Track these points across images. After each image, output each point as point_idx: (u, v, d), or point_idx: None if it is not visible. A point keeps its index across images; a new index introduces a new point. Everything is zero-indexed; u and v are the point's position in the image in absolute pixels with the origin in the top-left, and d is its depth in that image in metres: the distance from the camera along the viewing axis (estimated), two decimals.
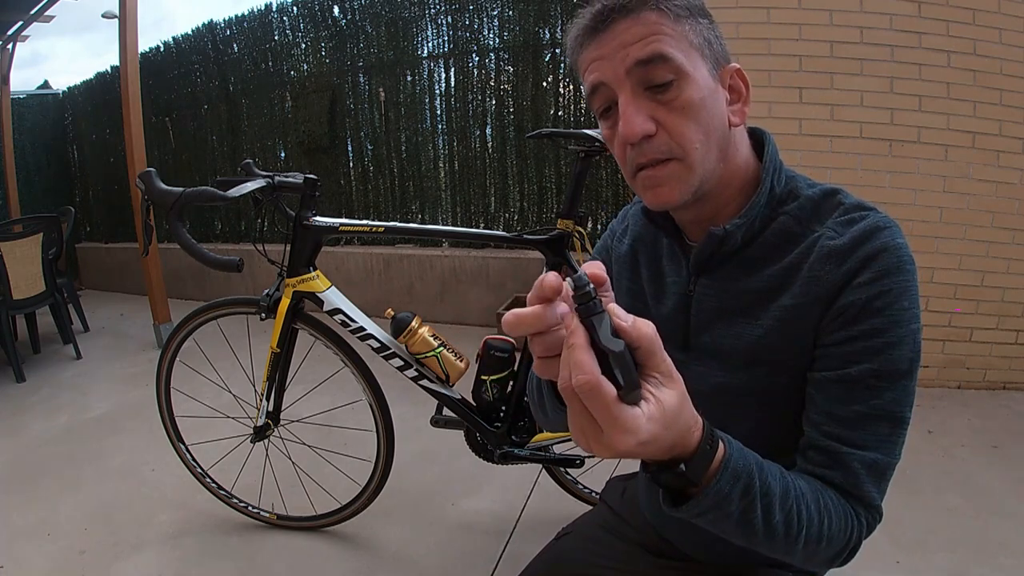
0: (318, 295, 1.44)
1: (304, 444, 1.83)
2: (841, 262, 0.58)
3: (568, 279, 0.41)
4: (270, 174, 1.38)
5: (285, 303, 1.45)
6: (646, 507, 0.85)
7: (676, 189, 0.60)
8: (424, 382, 1.46)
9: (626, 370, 0.40)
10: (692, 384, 0.67)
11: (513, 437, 1.51)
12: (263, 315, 1.47)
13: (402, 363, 1.45)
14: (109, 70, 5.18)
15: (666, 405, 0.43)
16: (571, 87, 3.48)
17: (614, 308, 0.42)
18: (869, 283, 0.56)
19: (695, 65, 0.58)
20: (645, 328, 0.42)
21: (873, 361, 0.57)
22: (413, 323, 1.43)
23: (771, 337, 0.62)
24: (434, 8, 3.64)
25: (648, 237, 0.76)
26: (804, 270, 0.60)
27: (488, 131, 3.72)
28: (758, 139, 0.67)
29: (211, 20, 4.47)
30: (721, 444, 0.50)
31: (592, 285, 0.40)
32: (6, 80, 4.89)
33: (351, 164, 4.16)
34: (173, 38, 4.73)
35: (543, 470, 1.81)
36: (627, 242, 0.79)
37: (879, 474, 0.58)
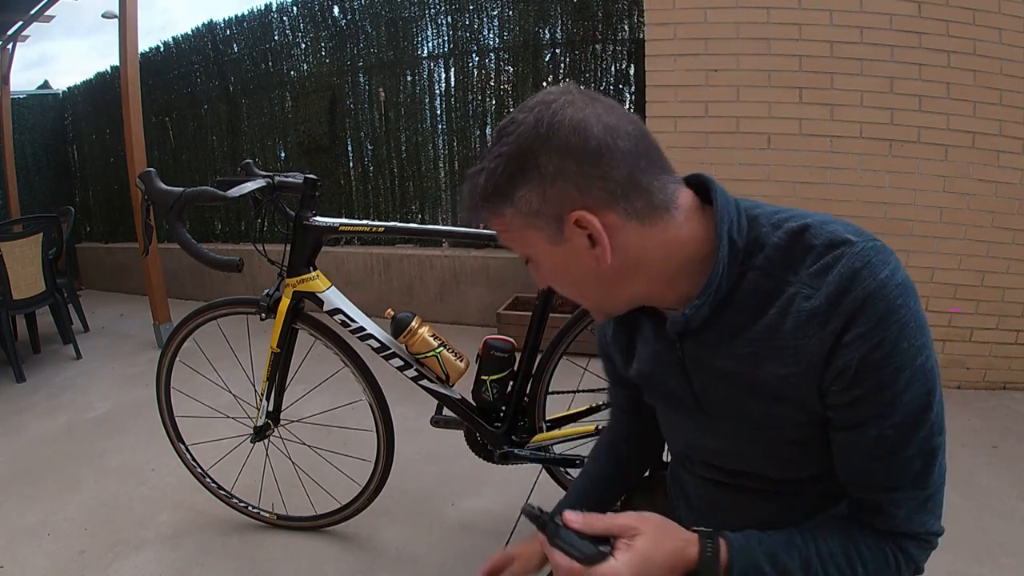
0: (318, 295, 1.44)
1: (304, 444, 1.83)
2: (824, 323, 0.53)
3: (522, 516, 0.55)
4: (270, 174, 1.38)
5: (285, 303, 1.45)
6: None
7: (602, 318, 0.69)
8: (424, 382, 1.46)
9: (583, 546, 0.55)
10: (721, 439, 0.69)
11: (513, 437, 1.51)
12: (263, 315, 1.47)
13: (402, 363, 1.45)
14: (109, 70, 5.17)
15: (638, 545, 0.55)
16: None
17: (567, 517, 0.57)
18: (861, 338, 0.52)
19: (532, 243, 0.60)
20: (590, 519, 0.57)
21: (885, 415, 0.54)
22: (413, 323, 1.43)
23: (778, 404, 0.60)
24: (434, 8, 3.64)
25: (625, 315, 0.72)
26: (788, 337, 0.56)
27: (488, 131, 3.72)
28: (703, 188, 0.61)
29: (211, 20, 4.46)
30: (723, 547, 0.57)
31: (542, 513, 0.55)
32: (6, 80, 4.88)
33: (351, 164, 4.16)
34: (173, 38, 4.73)
35: (543, 470, 1.81)
36: (612, 324, 0.78)
37: (920, 505, 0.59)
